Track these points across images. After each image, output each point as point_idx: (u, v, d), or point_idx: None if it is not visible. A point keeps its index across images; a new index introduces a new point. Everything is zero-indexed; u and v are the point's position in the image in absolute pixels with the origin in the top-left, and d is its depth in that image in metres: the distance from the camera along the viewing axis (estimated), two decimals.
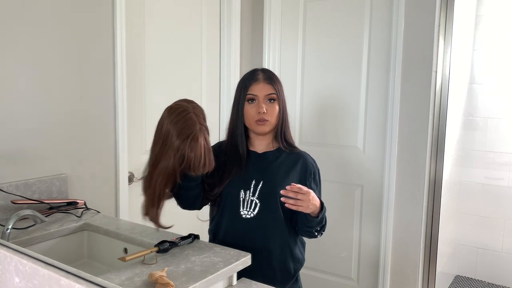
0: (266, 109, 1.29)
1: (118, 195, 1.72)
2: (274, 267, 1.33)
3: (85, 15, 1.56)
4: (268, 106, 1.30)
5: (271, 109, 1.31)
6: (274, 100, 1.32)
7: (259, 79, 1.32)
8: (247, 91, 1.31)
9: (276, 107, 1.32)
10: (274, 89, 1.31)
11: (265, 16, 2.42)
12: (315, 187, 1.37)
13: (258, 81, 1.31)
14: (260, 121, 1.30)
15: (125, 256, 1.01)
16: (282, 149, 1.36)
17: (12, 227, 1.15)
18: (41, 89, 1.44)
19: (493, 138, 3.13)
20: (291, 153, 1.37)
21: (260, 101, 1.30)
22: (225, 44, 2.29)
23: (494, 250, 3.15)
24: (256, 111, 1.30)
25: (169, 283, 0.89)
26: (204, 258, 1.08)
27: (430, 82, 2.03)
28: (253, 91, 1.31)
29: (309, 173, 1.36)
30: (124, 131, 1.72)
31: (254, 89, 1.31)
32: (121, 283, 0.92)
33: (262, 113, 1.29)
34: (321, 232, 1.35)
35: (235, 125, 1.35)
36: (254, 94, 1.31)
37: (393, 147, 2.13)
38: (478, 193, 3.18)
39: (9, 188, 1.34)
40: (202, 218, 1.43)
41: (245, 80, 1.34)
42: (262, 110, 1.29)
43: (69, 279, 0.92)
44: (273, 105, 1.31)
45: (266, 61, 2.45)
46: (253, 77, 1.33)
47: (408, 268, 2.16)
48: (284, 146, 1.36)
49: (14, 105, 1.37)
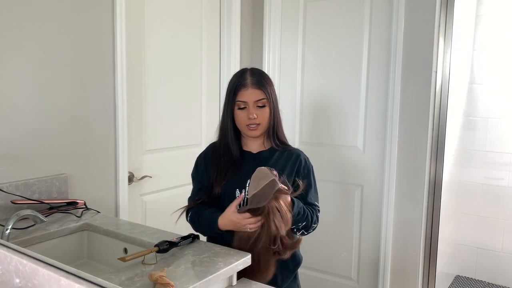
0: (257, 115, 1.30)
1: (118, 195, 1.72)
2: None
3: (85, 15, 1.56)
4: (258, 111, 1.31)
5: (262, 114, 1.31)
6: (265, 105, 1.32)
7: (248, 84, 1.30)
8: (235, 97, 1.31)
9: (267, 110, 1.32)
10: (263, 94, 1.31)
11: (265, 16, 2.42)
12: (308, 181, 1.37)
13: (246, 87, 1.30)
14: (251, 126, 1.31)
15: (125, 256, 1.01)
16: (275, 148, 1.37)
17: (12, 227, 1.15)
18: (41, 89, 1.44)
19: (493, 138, 3.13)
20: (284, 150, 1.38)
21: (250, 107, 1.30)
22: (225, 44, 2.29)
23: (494, 250, 3.15)
24: (246, 117, 1.30)
25: (169, 283, 0.89)
26: (204, 258, 1.08)
27: (430, 82, 2.03)
28: (242, 98, 1.30)
29: (302, 169, 1.37)
30: (124, 131, 1.72)
31: (243, 95, 1.30)
32: (121, 283, 0.92)
33: (252, 118, 1.29)
34: (304, 230, 1.33)
35: (225, 127, 1.36)
36: (244, 101, 1.30)
37: (393, 147, 2.13)
38: (478, 193, 3.18)
39: (9, 188, 1.34)
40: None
41: (233, 84, 1.33)
42: (253, 116, 1.29)
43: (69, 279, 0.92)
44: (264, 109, 1.32)
45: (266, 61, 2.45)
46: (242, 81, 1.31)
47: (408, 268, 2.16)
48: (277, 144, 1.37)
49: (14, 105, 1.37)
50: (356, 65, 2.24)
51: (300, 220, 1.28)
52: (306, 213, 1.29)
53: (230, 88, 1.34)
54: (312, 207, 1.35)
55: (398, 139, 2.12)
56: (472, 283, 3.17)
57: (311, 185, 1.38)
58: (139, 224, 1.41)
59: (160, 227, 1.31)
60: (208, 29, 2.21)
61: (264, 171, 1.15)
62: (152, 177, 1.93)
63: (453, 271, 3.24)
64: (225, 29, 2.29)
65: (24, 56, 1.39)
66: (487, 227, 3.15)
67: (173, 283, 0.90)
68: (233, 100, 1.32)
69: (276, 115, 1.35)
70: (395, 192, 2.15)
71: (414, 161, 2.10)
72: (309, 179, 1.38)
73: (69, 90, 1.52)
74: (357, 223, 2.32)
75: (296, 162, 1.36)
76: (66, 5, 1.49)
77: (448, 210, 2.84)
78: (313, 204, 1.37)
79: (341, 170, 2.34)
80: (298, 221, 1.28)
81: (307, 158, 1.40)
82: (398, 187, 2.15)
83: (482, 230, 3.18)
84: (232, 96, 1.32)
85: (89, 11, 1.57)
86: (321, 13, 2.34)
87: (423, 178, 2.09)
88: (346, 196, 2.34)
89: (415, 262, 2.14)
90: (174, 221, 1.29)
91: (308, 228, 1.33)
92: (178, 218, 1.31)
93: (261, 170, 1.16)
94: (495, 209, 3.12)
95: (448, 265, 3.04)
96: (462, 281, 3.20)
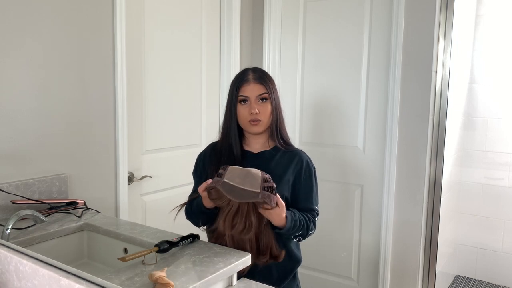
0: (258, 110, 1.30)
1: (118, 195, 1.72)
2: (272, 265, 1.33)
3: (85, 15, 1.56)
4: (260, 106, 1.31)
5: (264, 109, 1.31)
6: (266, 99, 1.32)
7: (250, 79, 1.32)
8: (238, 92, 1.32)
9: (269, 106, 1.32)
10: (265, 89, 1.32)
11: (265, 16, 2.43)
12: (310, 184, 1.36)
13: (248, 82, 1.32)
14: (253, 121, 1.31)
15: (125, 256, 1.00)
16: (278, 148, 1.37)
17: (12, 227, 1.15)
18: (41, 89, 1.44)
19: (493, 138, 3.13)
20: (287, 151, 1.37)
21: (251, 101, 1.31)
22: (225, 44, 2.29)
23: (494, 250, 3.15)
24: (248, 112, 1.31)
25: (169, 283, 0.89)
26: (204, 258, 1.08)
27: (430, 82, 2.03)
28: (244, 92, 1.32)
29: (304, 171, 1.36)
30: (124, 131, 1.72)
31: (245, 90, 1.32)
32: (121, 283, 0.92)
33: (254, 113, 1.30)
34: (300, 237, 1.33)
35: (228, 126, 1.36)
36: (246, 95, 1.31)
37: (393, 147, 2.13)
38: (478, 193, 3.18)
39: (9, 188, 1.34)
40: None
41: (236, 81, 1.35)
42: (254, 110, 1.30)
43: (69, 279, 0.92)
44: (265, 104, 1.32)
45: (266, 61, 2.45)
46: (244, 77, 1.33)
47: (408, 268, 2.16)
48: (281, 144, 1.37)
49: (14, 106, 1.37)
50: (356, 65, 2.24)
51: (296, 232, 1.28)
52: (302, 224, 1.28)
53: (232, 85, 1.35)
54: (310, 212, 1.34)
55: (398, 139, 2.12)
56: (472, 283, 3.17)
57: (312, 188, 1.37)
58: (139, 224, 1.41)
59: (160, 227, 1.31)
60: (208, 29, 2.21)
61: (258, 178, 1.10)
62: (152, 177, 1.93)
63: (453, 271, 3.24)
64: (225, 29, 2.29)
65: (24, 56, 1.39)
66: (487, 227, 3.16)
67: (173, 283, 0.90)
68: (236, 96, 1.32)
69: (278, 112, 1.35)
70: (395, 192, 2.15)
71: (414, 161, 2.10)
72: (310, 181, 1.37)
73: (69, 90, 1.52)
74: (357, 223, 2.32)
75: (298, 164, 1.36)
76: (66, 5, 1.49)
77: (448, 210, 2.84)
78: (312, 209, 1.36)
79: (341, 170, 2.34)
80: (293, 233, 1.28)
81: (309, 160, 1.40)
82: (398, 187, 2.15)
83: (482, 230, 3.18)
84: (235, 93, 1.33)
85: (89, 11, 1.57)
86: (321, 13, 2.34)
87: (423, 178, 2.09)
88: (346, 196, 2.34)
89: (415, 262, 2.14)
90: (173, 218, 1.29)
91: (305, 235, 1.33)
92: (176, 215, 1.30)
93: (256, 176, 1.11)
94: (495, 209, 3.12)
95: (448, 265, 3.04)
96: (462, 281, 3.20)
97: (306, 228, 1.31)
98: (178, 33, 2.05)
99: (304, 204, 1.34)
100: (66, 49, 1.51)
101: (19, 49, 1.38)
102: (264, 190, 1.10)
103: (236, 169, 1.11)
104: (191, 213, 1.34)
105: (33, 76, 1.42)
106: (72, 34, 1.52)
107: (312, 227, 1.34)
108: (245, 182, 1.09)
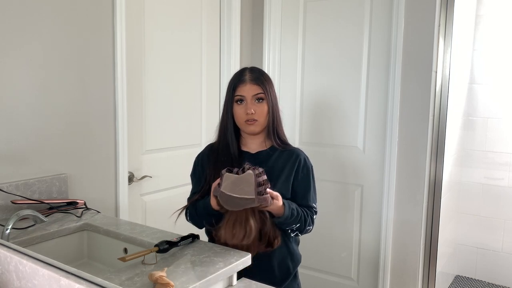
0: (254, 110, 1.30)
1: (118, 195, 1.72)
2: (273, 265, 1.33)
3: (85, 15, 1.56)
4: (257, 107, 1.31)
5: (260, 109, 1.32)
6: (263, 99, 1.32)
7: (246, 79, 1.33)
8: (234, 92, 1.33)
9: (265, 106, 1.33)
10: (261, 89, 1.32)
11: (265, 16, 2.43)
12: (307, 181, 1.37)
13: (245, 82, 1.32)
14: (249, 121, 1.31)
15: (125, 256, 1.01)
16: (275, 147, 1.37)
17: (12, 227, 1.15)
18: (41, 89, 1.44)
19: (493, 138, 3.13)
20: (284, 150, 1.38)
21: (248, 101, 1.31)
22: (225, 44, 2.29)
23: (494, 250, 3.15)
24: (244, 112, 1.31)
25: (169, 283, 0.89)
26: (204, 258, 1.08)
27: (430, 82, 2.03)
28: (240, 92, 1.32)
29: (301, 169, 1.36)
30: (124, 131, 1.72)
31: (241, 90, 1.32)
32: (121, 283, 0.92)
33: (250, 113, 1.30)
34: (298, 232, 1.33)
35: (225, 126, 1.36)
36: (242, 95, 1.32)
37: (393, 147, 2.13)
38: (478, 193, 3.18)
39: (9, 188, 1.34)
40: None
41: (233, 80, 1.36)
42: (250, 111, 1.30)
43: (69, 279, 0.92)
44: (262, 104, 1.32)
45: (266, 61, 2.45)
46: (241, 77, 1.34)
47: (408, 268, 2.16)
48: (278, 143, 1.37)
49: (14, 106, 1.37)
50: (356, 65, 2.24)
51: (293, 222, 1.28)
52: (299, 214, 1.29)
53: (229, 85, 1.36)
54: (308, 209, 1.35)
55: (398, 139, 2.12)
56: (472, 283, 3.17)
57: (309, 186, 1.38)
58: (139, 224, 1.41)
59: (160, 227, 1.31)
60: (208, 29, 2.21)
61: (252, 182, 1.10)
62: (152, 177, 1.93)
63: (453, 271, 3.24)
64: (225, 29, 2.29)
65: (24, 56, 1.39)
66: (487, 227, 3.16)
67: (173, 283, 0.90)
68: (232, 96, 1.33)
69: (275, 112, 1.36)
70: (395, 192, 2.15)
71: (414, 161, 2.10)
72: (308, 179, 1.37)
73: (69, 90, 1.52)
74: (357, 223, 2.32)
75: (295, 162, 1.36)
76: (66, 5, 1.49)
77: (448, 210, 2.84)
78: (311, 206, 1.36)
79: (341, 170, 2.34)
80: (291, 223, 1.28)
81: (307, 158, 1.40)
82: (398, 187, 2.15)
83: (482, 230, 3.18)
84: (231, 92, 1.34)
85: (89, 11, 1.57)
86: (321, 13, 2.34)
87: (423, 178, 2.09)
88: (346, 196, 2.34)
89: (415, 262, 2.14)
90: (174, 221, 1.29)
91: (302, 230, 1.33)
92: (177, 219, 1.31)
93: (250, 180, 1.10)
94: (495, 209, 3.12)
95: (448, 265, 3.04)
96: (462, 281, 3.20)
97: (304, 222, 1.31)
98: (178, 33, 2.05)
99: (302, 202, 1.35)
100: (66, 49, 1.51)
101: (19, 49, 1.38)
102: (259, 189, 1.11)
103: (230, 176, 1.12)
104: (195, 215, 1.34)
105: (33, 76, 1.42)
106: (72, 34, 1.52)
107: (310, 223, 1.34)
108: (240, 190, 1.10)
